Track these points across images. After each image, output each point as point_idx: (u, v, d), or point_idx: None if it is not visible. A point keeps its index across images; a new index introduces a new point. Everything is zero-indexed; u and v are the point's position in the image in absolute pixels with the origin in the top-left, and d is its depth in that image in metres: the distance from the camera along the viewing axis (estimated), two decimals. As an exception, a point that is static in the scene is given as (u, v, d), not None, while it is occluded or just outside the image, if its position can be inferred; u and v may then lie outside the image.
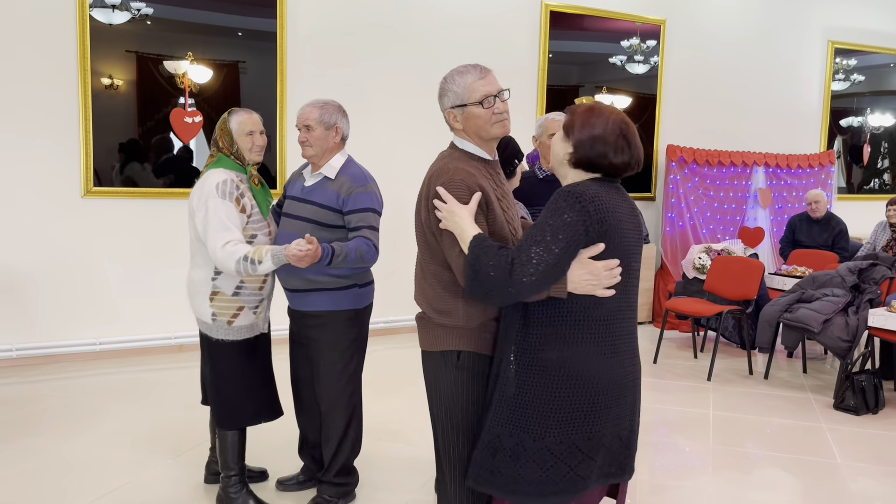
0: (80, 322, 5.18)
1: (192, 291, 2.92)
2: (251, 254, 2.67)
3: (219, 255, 2.70)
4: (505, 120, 2.14)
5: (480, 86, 2.10)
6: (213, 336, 2.89)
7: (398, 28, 6.03)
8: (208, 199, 2.75)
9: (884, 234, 6.43)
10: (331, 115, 2.89)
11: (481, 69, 2.14)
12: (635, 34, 7.04)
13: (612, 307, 1.95)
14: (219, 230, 2.71)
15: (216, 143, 2.92)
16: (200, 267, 2.88)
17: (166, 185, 5.34)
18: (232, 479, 2.97)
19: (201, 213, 2.77)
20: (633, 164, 1.96)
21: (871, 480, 3.54)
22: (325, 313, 2.89)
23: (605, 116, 1.93)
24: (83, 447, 3.65)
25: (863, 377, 4.53)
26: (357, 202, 2.82)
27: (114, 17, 5.08)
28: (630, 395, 2.02)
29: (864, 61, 8.43)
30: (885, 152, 8.79)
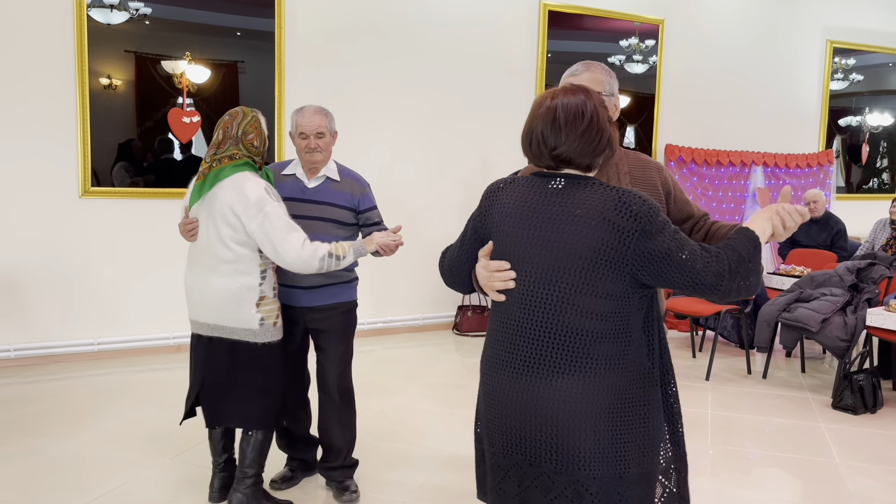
0: (78, 322, 5.17)
1: (231, 300, 2.78)
2: (333, 250, 2.77)
3: (303, 254, 2.70)
4: None
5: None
6: (259, 341, 2.83)
7: (397, 28, 6.02)
8: (264, 205, 2.69)
9: (882, 233, 6.43)
10: (332, 122, 3.09)
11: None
12: (634, 34, 7.04)
13: (511, 317, 1.72)
14: (289, 231, 2.70)
15: (247, 141, 2.81)
16: (245, 274, 2.78)
17: (163, 185, 5.34)
18: (252, 479, 2.94)
19: (258, 220, 2.69)
20: (546, 155, 1.70)
21: (870, 480, 3.54)
22: (338, 305, 3.08)
23: (539, 101, 1.73)
24: (81, 447, 3.65)
25: (861, 376, 4.53)
26: (368, 201, 3.11)
27: (112, 17, 5.08)
28: (511, 422, 1.71)
29: (862, 61, 8.44)
30: (883, 152, 8.79)
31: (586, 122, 1.65)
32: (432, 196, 6.29)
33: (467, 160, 6.37)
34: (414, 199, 6.20)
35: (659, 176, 2.12)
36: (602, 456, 1.65)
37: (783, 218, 1.76)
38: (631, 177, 2.09)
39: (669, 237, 1.62)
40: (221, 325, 2.82)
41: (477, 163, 6.40)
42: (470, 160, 6.39)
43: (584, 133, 1.66)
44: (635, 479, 1.68)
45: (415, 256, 6.09)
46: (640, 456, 1.68)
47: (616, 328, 1.65)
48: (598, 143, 1.67)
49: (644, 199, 1.63)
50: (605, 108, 1.71)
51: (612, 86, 2.11)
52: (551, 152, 1.68)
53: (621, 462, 1.66)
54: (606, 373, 1.65)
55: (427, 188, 6.25)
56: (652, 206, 1.63)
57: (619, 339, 1.65)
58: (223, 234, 2.74)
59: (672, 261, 1.60)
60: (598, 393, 1.64)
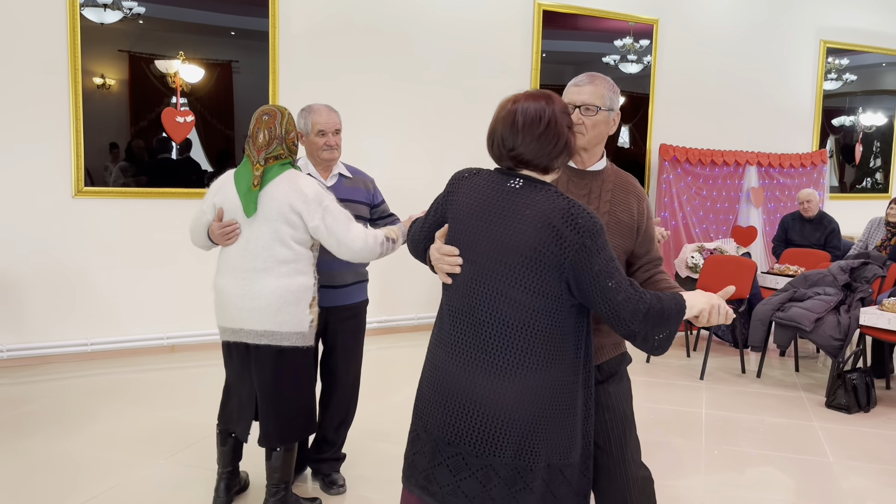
0: (71, 322, 5.16)
1: (288, 301, 2.69)
2: (388, 234, 2.78)
3: (368, 241, 2.71)
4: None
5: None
6: (306, 345, 2.76)
7: (390, 27, 6.02)
8: (322, 200, 2.68)
9: (877, 232, 6.45)
10: (341, 119, 3.14)
11: None
12: (628, 34, 7.05)
13: (454, 301, 1.84)
14: (350, 221, 2.71)
15: (289, 139, 2.76)
16: (303, 274, 2.73)
17: (157, 185, 5.33)
18: (285, 489, 2.86)
19: (318, 215, 2.66)
20: (505, 156, 1.80)
21: (863, 479, 3.55)
22: (359, 304, 3.19)
23: (502, 105, 1.84)
24: (75, 448, 3.64)
25: (854, 376, 4.54)
26: (380, 195, 3.25)
27: (105, 17, 5.06)
28: (442, 400, 1.82)
29: (856, 61, 8.47)
30: (876, 151, 8.83)
31: (543, 126, 1.74)
32: (427, 194, 6.25)
33: (462, 159, 6.37)
34: (408, 197, 6.19)
35: (637, 204, 2.14)
36: (520, 446, 1.76)
37: (712, 314, 1.87)
38: (612, 195, 2.11)
39: (604, 261, 1.71)
40: (272, 330, 2.69)
41: (471, 162, 6.36)
42: (464, 159, 6.38)
43: (541, 136, 1.75)
44: (544, 471, 1.79)
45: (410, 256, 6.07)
46: (557, 450, 1.80)
47: (548, 327, 1.75)
48: (553, 147, 1.76)
49: (592, 216, 1.72)
50: (566, 114, 1.80)
51: (612, 101, 2.11)
52: (509, 153, 1.78)
53: (536, 454, 1.77)
54: (535, 368, 1.75)
55: (421, 187, 6.23)
56: (597, 226, 1.72)
57: (549, 338, 1.76)
58: (283, 234, 2.66)
59: (599, 284, 1.70)
60: (525, 386, 1.75)
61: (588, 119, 2.07)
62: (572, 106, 2.08)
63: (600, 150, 2.16)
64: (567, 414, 1.81)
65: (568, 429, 1.82)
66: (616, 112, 2.14)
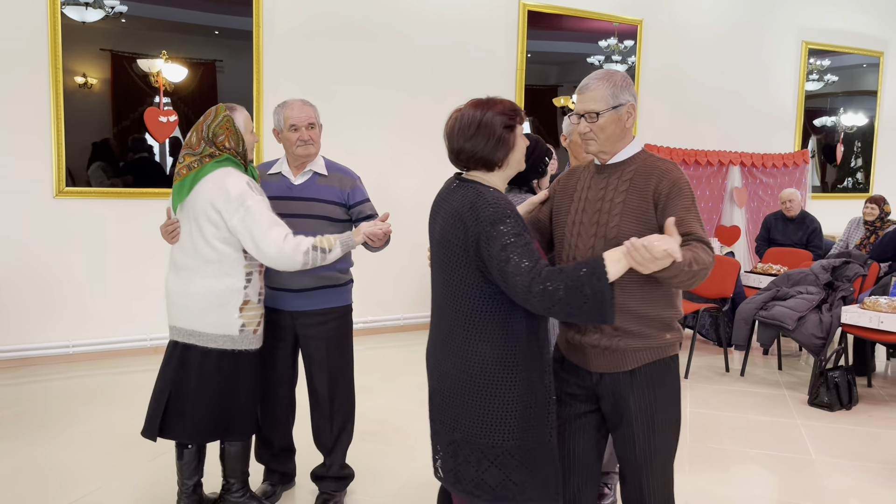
0: (52, 324, 5.10)
1: (212, 304, 2.65)
2: (318, 243, 2.61)
3: (285, 249, 2.56)
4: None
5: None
6: (235, 348, 2.70)
7: (375, 27, 6.01)
8: (245, 199, 2.58)
9: (856, 231, 6.52)
10: (319, 114, 2.98)
11: None
12: (613, 34, 7.08)
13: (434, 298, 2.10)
14: (271, 225, 2.58)
15: (216, 142, 2.69)
16: (229, 275, 2.65)
17: (139, 185, 5.28)
18: (236, 486, 2.90)
19: (240, 215, 2.57)
20: (452, 158, 2.07)
21: (845, 475, 3.59)
22: (332, 309, 2.95)
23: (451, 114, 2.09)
24: (56, 451, 3.60)
25: (836, 373, 4.59)
26: (359, 194, 2.97)
27: (87, 15, 5.01)
28: (433, 395, 2.08)
29: (837, 62, 8.55)
30: (857, 152, 8.92)
31: (474, 129, 1.98)
32: (412, 195, 6.28)
33: (444, 158, 6.36)
34: (394, 197, 6.19)
35: (656, 185, 2.06)
36: (452, 421, 1.99)
37: (634, 257, 1.81)
38: (630, 183, 2.09)
39: (501, 246, 1.86)
40: (199, 331, 2.68)
41: (457, 162, 6.40)
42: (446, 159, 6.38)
43: (472, 137, 1.98)
44: (471, 449, 1.97)
45: (397, 256, 6.07)
46: (478, 430, 1.95)
47: (472, 314, 1.95)
48: (485, 145, 1.98)
49: (496, 205, 1.91)
50: (505, 115, 2.01)
51: (617, 97, 2.09)
52: (450, 154, 2.05)
53: (460, 430, 1.98)
54: (465, 352, 1.96)
55: (406, 187, 6.23)
56: (499, 213, 1.89)
57: (475, 325, 1.95)
58: (206, 233, 2.63)
59: (497, 268, 1.87)
60: (458, 369, 1.97)
61: (593, 125, 2.09)
62: (577, 116, 2.13)
63: (620, 144, 2.14)
64: (490, 397, 1.94)
65: (493, 412, 1.94)
66: (628, 104, 2.11)
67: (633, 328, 2.07)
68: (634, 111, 2.15)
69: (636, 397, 2.11)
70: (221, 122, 2.70)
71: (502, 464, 1.96)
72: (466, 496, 2.01)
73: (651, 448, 2.13)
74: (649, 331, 2.09)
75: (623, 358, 2.10)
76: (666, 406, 2.14)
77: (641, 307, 2.07)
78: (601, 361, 2.13)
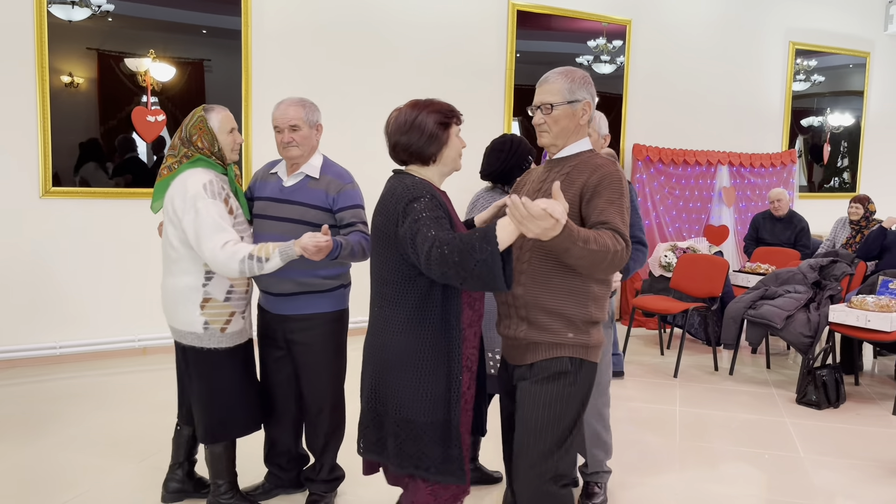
0: (40, 325, 5.06)
1: (174, 301, 2.73)
2: (256, 252, 2.57)
3: (219, 256, 2.56)
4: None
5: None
6: (204, 346, 2.74)
7: (364, 27, 5.99)
8: (197, 201, 2.60)
9: (843, 231, 6.56)
10: (313, 112, 2.87)
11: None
12: (602, 34, 7.09)
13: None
14: (214, 231, 2.58)
15: (190, 142, 2.72)
16: (188, 273, 2.70)
17: (127, 185, 5.25)
18: (223, 487, 2.90)
19: (190, 216, 2.60)
20: (390, 153, 2.22)
21: (833, 473, 3.61)
22: (316, 315, 2.86)
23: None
24: (44, 453, 3.57)
25: (824, 372, 4.62)
26: (347, 199, 2.83)
27: (73, 14, 4.97)
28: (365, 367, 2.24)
29: (823, 62, 8.61)
30: (844, 151, 8.98)
31: (408, 126, 2.13)
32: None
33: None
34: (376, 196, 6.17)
35: (587, 178, 2.09)
36: (372, 393, 2.19)
37: (524, 223, 1.80)
38: (567, 177, 2.14)
39: (413, 220, 2.00)
40: (174, 327, 2.78)
41: (446, 162, 6.40)
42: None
43: (406, 132, 2.13)
44: (395, 423, 2.12)
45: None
46: (402, 404, 2.11)
47: (393, 295, 2.11)
48: (418, 139, 2.12)
49: (413, 187, 2.06)
50: (440, 113, 2.13)
51: (574, 92, 2.15)
52: (389, 149, 2.20)
53: (384, 403, 2.15)
54: (384, 332, 2.14)
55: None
56: (415, 193, 2.04)
57: (394, 306, 2.11)
58: (168, 232, 2.72)
59: (409, 240, 2.00)
60: (378, 347, 2.16)
61: (547, 117, 2.17)
62: (534, 107, 2.21)
63: (571, 140, 2.20)
64: (415, 373, 2.09)
65: (415, 388, 2.09)
66: (584, 101, 2.17)
67: (539, 321, 2.11)
68: (590, 109, 2.19)
69: (522, 388, 2.16)
70: (195, 122, 2.74)
71: (416, 437, 2.11)
72: (392, 465, 2.16)
73: (523, 446, 2.13)
74: (553, 325, 2.10)
75: (525, 350, 2.16)
76: (548, 406, 2.10)
77: (549, 301, 2.10)
78: (511, 353, 2.23)
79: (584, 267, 1.97)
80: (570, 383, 2.12)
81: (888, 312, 4.52)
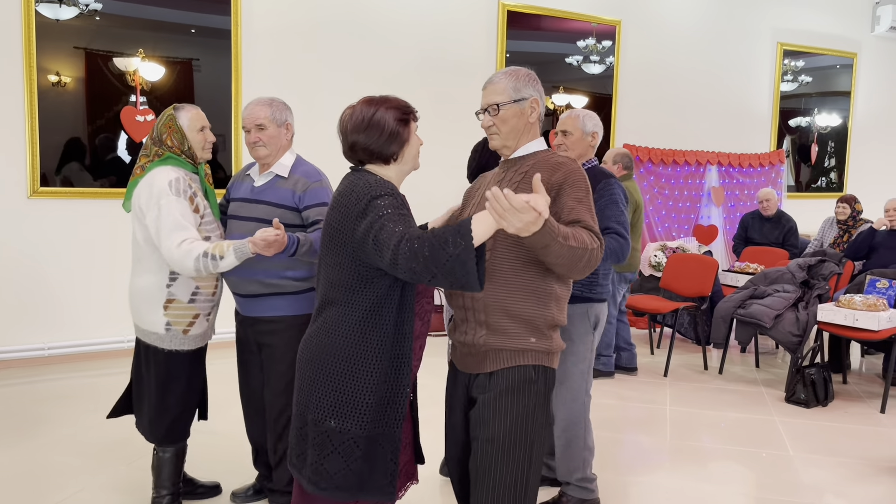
0: (27, 326, 5.02)
1: (139, 300, 2.71)
2: (211, 249, 2.53)
3: (175, 254, 2.54)
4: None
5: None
6: (164, 347, 2.72)
7: (354, 26, 5.98)
8: (160, 198, 2.59)
9: (831, 231, 6.61)
10: (281, 112, 2.83)
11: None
12: (591, 34, 7.11)
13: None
14: (174, 229, 2.56)
15: (161, 141, 2.72)
16: (151, 272, 2.69)
17: (110, 186, 5.21)
18: (166, 500, 2.86)
19: (153, 213, 2.59)
20: (346, 152, 2.11)
21: (822, 471, 3.63)
22: (282, 318, 2.78)
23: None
24: (32, 455, 3.54)
25: (813, 371, 4.65)
26: (314, 197, 2.77)
27: (61, 13, 4.94)
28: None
29: (811, 63, 8.66)
30: (831, 151, 9.04)
31: (366, 124, 2.01)
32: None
33: (424, 160, 6.35)
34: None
35: (549, 176, 2.02)
36: (316, 406, 1.98)
37: (493, 207, 1.72)
38: (525, 176, 2.07)
39: (376, 217, 1.87)
40: (138, 325, 2.76)
41: (433, 162, 6.39)
42: (426, 159, 6.37)
43: (364, 131, 2.01)
44: (315, 428, 1.96)
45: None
46: (325, 410, 1.95)
47: (344, 297, 1.96)
48: (377, 138, 2.01)
49: (376, 185, 1.93)
50: (398, 109, 2.03)
51: (520, 90, 2.10)
52: (344, 149, 2.09)
53: (306, 406, 2.00)
54: (330, 334, 1.97)
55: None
56: (378, 191, 1.91)
57: (344, 308, 1.96)
58: (135, 230, 2.71)
59: (371, 237, 1.86)
60: (321, 349, 1.98)
61: (496, 118, 2.12)
62: (481, 111, 2.15)
63: (523, 139, 2.13)
64: (346, 381, 1.94)
65: (346, 396, 1.93)
66: (531, 98, 2.10)
67: (499, 325, 2.00)
68: (539, 106, 2.13)
69: (484, 401, 2.00)
70: (165, 121, 2.73)
71: (345, 451, 1.94)
72: (305, 482, 1.99)
73: (488, 461, 1.97)
74: (514, 330, 2.00)
75: (484, 358, 2.03)
76: (517, 420, 1.98)
77: (511, 303, 1.99)
78: (467, 361, 2.09)
79: (561, 265, 1.87)
80: (536, 392, 2.00)
81: (875, 311, 4.55)
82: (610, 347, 5.07)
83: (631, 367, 5.21)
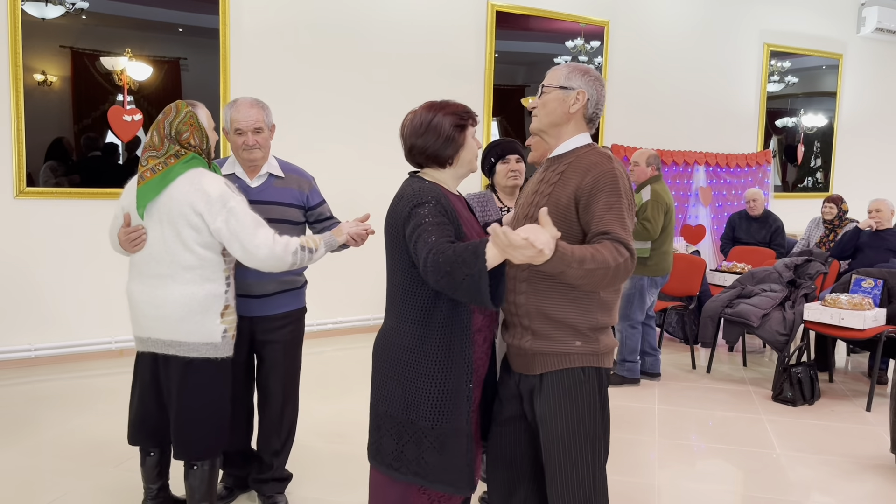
0: (14, 327, 4.98)
1: (194, 310, 2.52)
2: (305, 242, 2.55)
3: (275, 250, 2.47)
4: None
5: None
6: (219, 356, 2.58)
7: (343, 27, 5.97)
8: (228, 200, 2.47)
9: (817, 230, 6.66)
10: (269, 115, 2.86)
11: None
12: (580, 35, 7.13)
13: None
14: (257, 226, 2.48)
15: (179, 140, 2.54)
16: (210, 281, 2.53)
17: (96, 185, 5.18)
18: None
19: (223, 217, 2.46)
20: (406, 155, 2.19)
21: (808, 469, 3.66)
22: (291, 313, 2.93)
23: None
24: (18, 457, 3.51)
25: (799, 369, 4.68)
26: (316, 196, 2.95)
27: (47, 12, 4.90)
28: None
29: (797, 63, 8.73)
30: (817, 152, 9.11)
31: (424, 128, 2.11)
32: (375, 195, 6.25)
33: (416, 160, 6.35)
34: (356, 198, 6.16)
35: (581, 180, 1.98)
36: (387, 400, 2.10)
37: (494, 241, 1.75)
38: (562, 177, 2.04)
39: (416, 225, 1.98)
40: (179, 340, 2.54)
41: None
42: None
43: (423, 135, 2.11)
44: (391, 421, 2.08)
45: (363, 257, 6.04)
46: (396, 404, 2.06)
47: (401, 296, 2.07)
48: (434, 141, 2.09)
49: (421, 192, 2.02)
50: (455, 115, 2.10)
51: (570, 80, 2.07)
52: (405, 152, 2.17)
53: (380, 401, 2.12)
54: (393, 332, 2.10)
55: (370, 187, 6.20)
56: (422, 198, 2.01)
57: (403, 307, 2.07)
58: (185, 237, 2.48)
59: (412, 245, 1.98)
60: (386, 347, 2.11)
61: (539, 100, 2.15)
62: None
63: (565, 133, 2.10)
64: (410, 377, 2.04)
65: (411, 391, 2.03)
66: (576, 90, 2.06)
67: (543, 330, 2.02)
68: (583, 99, 2.08)
69: (541, 404, 2.05)
70: (185, 118, 2.55)
71: (418, 441, 2.05)
72: (385, 469, 2.10)
73: (556, 461, 2.03)
74: (559, 335, 2.01)
75: (532, 360, 2.06)
76: (574, 420, 2.03)
77: (553, 310, 2.01)
78: (517, 362, 2.13)
79: (584, 286, 1.89)
80: (588, 393, 2.03)
81: (861, 310, 4.60)
82: (635, 353, 4.93)
83: (654, 372, 5.08)
